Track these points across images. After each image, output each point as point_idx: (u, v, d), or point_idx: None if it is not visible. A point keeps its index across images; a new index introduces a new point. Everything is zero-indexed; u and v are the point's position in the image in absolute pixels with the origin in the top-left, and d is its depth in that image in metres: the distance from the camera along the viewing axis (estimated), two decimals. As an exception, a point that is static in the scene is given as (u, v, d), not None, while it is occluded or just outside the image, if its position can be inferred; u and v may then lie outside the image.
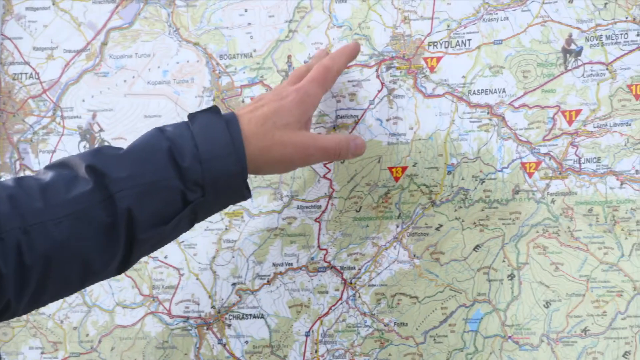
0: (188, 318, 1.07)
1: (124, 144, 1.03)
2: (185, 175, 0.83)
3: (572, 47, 0.99)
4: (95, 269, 0.83)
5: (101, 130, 1.08)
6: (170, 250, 1.06)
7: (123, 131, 1.08)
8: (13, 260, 0.78)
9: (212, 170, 0.83)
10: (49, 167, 0.85)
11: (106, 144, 1.08)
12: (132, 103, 1.08)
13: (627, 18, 0.98)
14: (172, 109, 1.07)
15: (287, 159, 0.88)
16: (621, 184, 0.99)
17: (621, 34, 0.98)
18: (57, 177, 0.82)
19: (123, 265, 0.86)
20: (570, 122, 0.99)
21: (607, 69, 0.98)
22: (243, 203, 1.01)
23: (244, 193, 0.88)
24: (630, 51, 0.98)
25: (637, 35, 0.97)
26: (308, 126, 0.91)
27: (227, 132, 0.85)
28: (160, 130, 0.86)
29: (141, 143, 0.86)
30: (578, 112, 0.99)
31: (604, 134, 0.99)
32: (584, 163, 1.00)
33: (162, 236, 0.86)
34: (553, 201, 1.00)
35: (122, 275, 1.01)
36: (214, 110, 0.88)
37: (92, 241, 0.81)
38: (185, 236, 1.03)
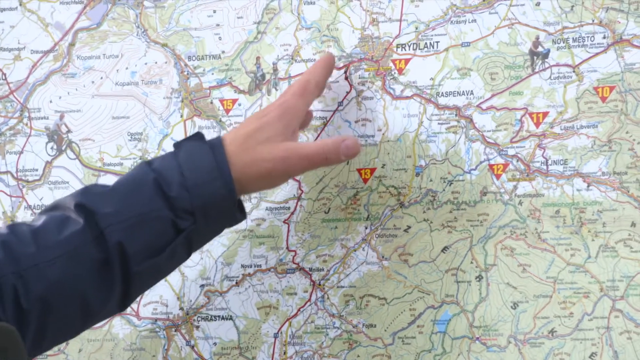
0: (156, 320, 1.03)
1: (92, 145, 0.99)
2: (174, 205, 0.80)
3: (539, 49, 0.96)
4: (94, 307, 0.80)
5: (69, 131, 1.03)
6: None
7: (91, 132, 1.03)
8: (11, 306, 0.75)
9: (200, 196, 0.80)
10: (42, 212, 0.83)
11: (74, 145, 1.03)
12: (100, 104, 1.04)
13: (593, 21, 0.96)
14: (140, 110, 1.02)
15: (269, 172, 0.84)
16: (588, 186, 0.96)
17: (588, 37, 0.95)
18: (49, 219, 0.80)
19: (123, 301, 0.83)
20: (537, 124, 0.97)
21: (573, 71, 0.95)
22: None
23: (236, 216, 0.85)
24: (597, 54, 0.95)
25: (604, 37, 0.94)
26: (295, 137, 0.86)
27: (212, 157, 0.81)
28: (147, 163, 0.84)
29: (128, 177, 0.84)
30: (545, 114, 0.97)
31: (570, 136, 0.97)
32: (551, 165, 0.97)
33: (157, 267, 0.83)
34: (520, 203, 0.97)
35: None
36: (198, 136, 0.86)
37: (87, 279, 0.78)
38: None
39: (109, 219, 0.79)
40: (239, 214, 0.86)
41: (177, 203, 0.80)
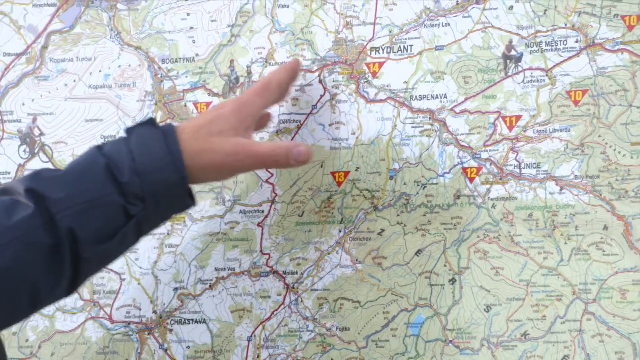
0: (129, 323, 0.99)
1: (65, 148, 0.95)
2: (125, 190, 0.76)
3: (512, 53, 0.93)
4: (43, 292, 0.76)
5: (41, 134, 0.99)
6: None
7: (64, 135, 0.99)
8: None
9: (151, 182, 0.76)
10: None
11: (47, 147, 0.98)
12: (73, 107, 1.00)
13: (566, 25, 0.93)
14: (114, 113, 0.98)
15: (218, 164, 0.80)
16: (560, 189, 0.94)
17: (560, 41, 0.91)
18: None
19: (72, 285, 0.78)
20: (510, 128, 0.94)
21: (546, 75, 0.92)
22: None
23: (186, 202, 0.81)
24: (569, 57, 0.92)
25: (576, 41, 0.91)
26: (248, 134, 0.82)
27: (163, 143, 0.78)
28: (97, 147, 0.79)
29: (79, 162, 0.79)
30: (518, 117, 0.93)
31: (543, 140, 0.94)
32: (524, 168, 0.94)
33: (107, 253, 0.79)
34: (494, 206, 0.94)
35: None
36: (150, 122, 0.81)
37: (37, 265, 0.74)
38: None
39: (59, 204, 0.74)
40: (189, 200, 0.82)
41: (128, 188, 0.76)
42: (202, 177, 0.81)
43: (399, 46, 0.96)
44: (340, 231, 0.97)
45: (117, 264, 1.00)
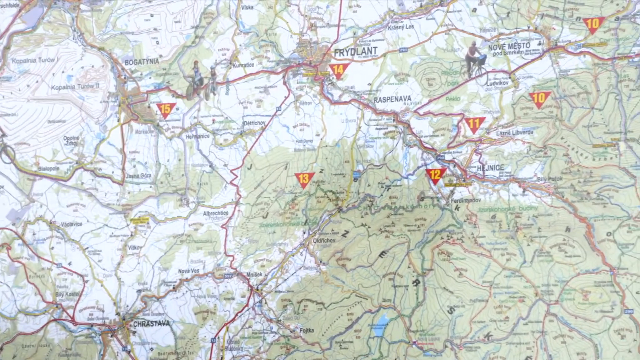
0: (92, 325, 0.95)
1: (27, 149, 0.91)
2: None
3: (476, 55, 0.89)
4: None
5: (4, 135, 0.95)
6: (74, 257, 0.93)
7: (26, 136, 0.95)
8: None
9: None
10: None
11: (9, 149, 0.95)
12: (35, 108, 0.95)
13: (529, 27, 0.90)
14: (77, 114, 0.94)
15: None
16: (523, 191, 0.90)
17: (523, 43, 0.88)
18: None
19: None
20: (474, 130, 0.90)
21: (509, 77, 0.89)
22: (149, 209, 0.88)
23: None
24: (532, 60, 0.89)
25: (539, 44, 0.87)
26: None
27: None
28: None
29: None
30: (482, 119, 0.90)
31: (506, 142, 0.90)
32: (487, 170, 0.91)
33: None
34: (457, 208, 0.90)
35: (25, 281, 0.94)
36: None
37: None
38: (90, 242, 0.96)
39: None
40: None
41: None
42: None
43: (363, 48, 0.92)
44: (304, 233, 0.93)
45: (80, 266, 0.95)
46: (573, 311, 0.89)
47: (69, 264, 0.95)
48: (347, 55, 0.93)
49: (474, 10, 0.91)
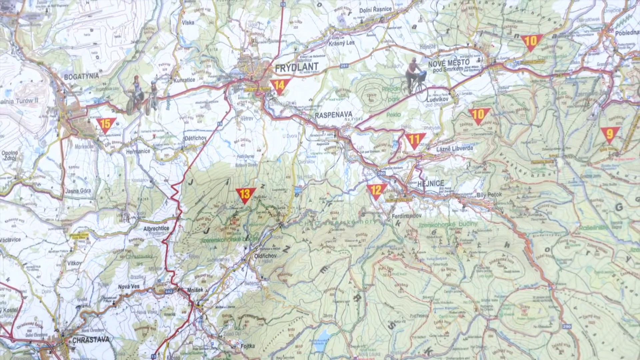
0: (30, 341, 0.90)
1: None
2: None
3: (416, 71, 0.86)
4: None
5: (-59, 150, 0.88)
6: (12, 273, 0.89)
7: None
8: None
9: None
10: None
11: (-54, 164, 0.88)
12: None
13: (468, 44, 0.87)
14: (15, 129, 0.89)
15: None
16: (463, 207, 0.87)
17: (463, 60, 0.85)
18: None
19: None
20: (414, 146, 0.86)
21: (449, 93, 0.85)
22: (89, 224, 0.84)
23: None
24: (472, 76, 0.86)
25: (478, 61, 0.84)
26: None
27: None
28: None
29: None
30: (422, 135, 0.87)
31: (446, 157, 0.87)
32: (427, 186, 0.88)
33: None
34: (398, 223, 0.87)
35: (-38, 298, 0.87)
36: None
37: None
38: (28, 258, 0.91)
39: None
40: None
41: None
42: None
43: (304, 64, 0.89)
44: (245, 248, 0.89)
45: (19, 282, 0.91)
46: (512, 326, 0.86)
47: (7, 279, 0.91)
48: (288, 70, 0.89)
49: (414, 27, 0.88)
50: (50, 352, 0.91)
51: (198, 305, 0.90)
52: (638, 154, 0.85)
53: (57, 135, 0.91)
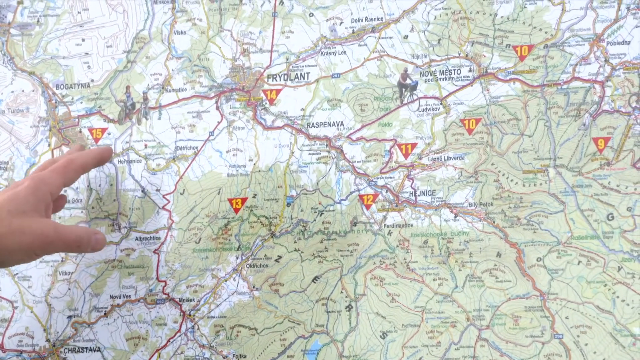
0: (22, 352, 0.89)
1: None
2: None
3: (408, 81, 0.84)
4: None
5: None
6: (3, 283, 0.87)
7: None
8: None
9: None
10: None
11: (-63, 173, 0.86)
12: None
13: (459, 54, 0.85)
14: (6, 139, 0.87)
15: (26, 247, 0.70)
16: (455, 217, 0.85)
17: (454, 70, 0.83)
18: None
19: None
20: (406, 155, 0.85)
21: (441, 103, 0.83)
22: None
23: None
24: (463, 86, 0.84)
25: (470, 71, 0.82)
26: (48, 214, 0.75)
27: None
28: None
29: None
30: (414, 145, 0.84)
31: (438, 167, 0.85)
32: (419, 195, 0.85)
33: None
34: (390, 233, 0.85)
35: (-47, 308, 0.85)
36: None
37: None
38: (19, 268, 0.88)
39: None
40: None
41: None
42: (8, 260, 0.69)
43: (296, 74, 0.87)
44: (237, 258, 0.87)
45: (10, 292, 0.88)
46: (504, 336, 0.84)
47: (-2, 290, 0.89)
48: (280, 80, 0.87)
49: (406, 37, 0.86)
50: (41, 363, 0.88)
51: (190, 315, 0.87)
52: (629, 164, 0.83)
53: (49, 145, 0.88)
